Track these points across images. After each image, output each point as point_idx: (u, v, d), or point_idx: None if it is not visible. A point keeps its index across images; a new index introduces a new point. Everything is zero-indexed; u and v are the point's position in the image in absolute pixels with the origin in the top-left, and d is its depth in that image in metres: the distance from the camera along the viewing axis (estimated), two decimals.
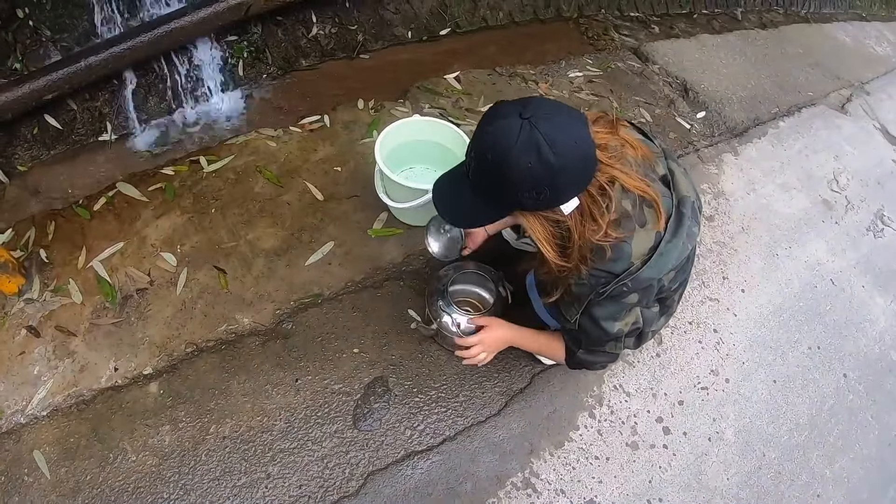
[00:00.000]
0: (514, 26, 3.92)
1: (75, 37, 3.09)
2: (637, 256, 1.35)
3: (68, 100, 3.07)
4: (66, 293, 2.42)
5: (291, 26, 3.36)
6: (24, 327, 2.37)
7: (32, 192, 2.92)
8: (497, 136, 1.18)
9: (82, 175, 2.91)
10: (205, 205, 2.58)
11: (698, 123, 3.36)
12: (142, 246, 2.50)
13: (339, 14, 3.45)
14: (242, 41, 3.22)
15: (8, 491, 2.02)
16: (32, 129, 3.06)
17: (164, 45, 3.07)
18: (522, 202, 1.25)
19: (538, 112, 1.16)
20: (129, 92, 3.05)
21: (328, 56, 3.40)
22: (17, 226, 2.66)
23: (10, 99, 2.89)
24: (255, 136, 2.84)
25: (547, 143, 1.14)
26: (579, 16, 4.12)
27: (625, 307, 1.46)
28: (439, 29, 3.68)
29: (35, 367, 2.27)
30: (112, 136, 3.03)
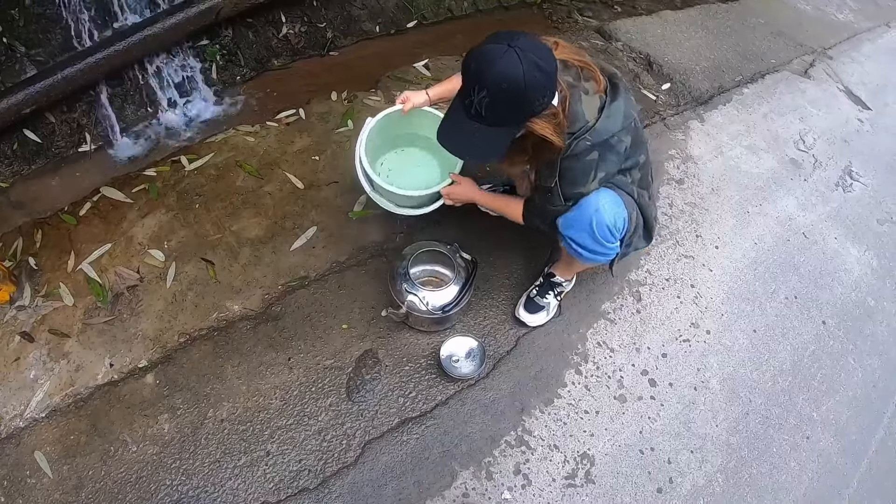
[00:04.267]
0: (479, 15, 4.06)
1: (50, 50, 3.18)
2: (590, 116, 1.66)
3: (46, 113, 3.16)
4: (57, 297, 2.49)
5: (262, 28, 3.48)
6: (18, 333, 2.43)
7: (16, 206, 3.01)
8: (504, 67, 1.42)
9: (65, 186, 3.00)
10: (189, 201, 2.67)
11: (663, 94, 3.48)
12: (129, 245, 2.58)
13: (308, 13, 3.58)
14: (214, 45, 3.34)
15: (11, 494, 2.08)
16: (12, 145, 3.15)
17: (138, 52, 3.17)
18: (535, 110, 1.53)
19: (515, 39, 1.44)
20: (106, 101, 3.14)
21: (299, 55, 3.52)
22: (4, 237, 2.73)
23: None
24: (233, 133, 2.94)
25: (537, 55, 1.44)
26: (543, 1, 4.27)
27: (591, 165, 1.72)
28: (406, 22, 3.81)
29: (31, 371, 2.34)
30: (92, 146, 3.12)
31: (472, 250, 2.36)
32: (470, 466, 2.10)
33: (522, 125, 1.57)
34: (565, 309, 2.46)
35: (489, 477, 2.09)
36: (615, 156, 1.75)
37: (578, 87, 1.66)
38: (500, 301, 2.45)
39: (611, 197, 1.84)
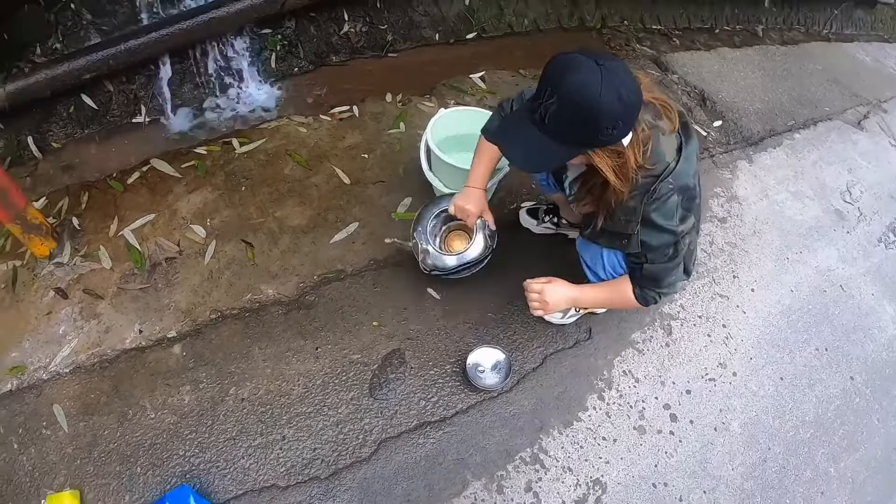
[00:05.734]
0: (538, 33, 4.09)
1: (115, 21, 3.28)
2: (670, 157, 1.59)
3: (105, 81, 3.25)
4: (95, 259, 2.56)
5: (324, 23, 3.56)
6: (53, 289, 2.51)
7: (65, 168, 3.09)
8: (583, 80, 1.33)
9: (116, 153, 3.08)
10: (235, 183, 2.74)
11: (714, 131, 3.49)
12: (172, 218, 2.64)
13: (370, 14, 3.65)
14: (276, 34, 3.41)
15: (24, 442, 2.14)
16: (68, 108, 3.25)
17: (202, 34, 3.26)
18: (599, 140, 1.43)
19: (607, 59, 1.35)
20: (165, 77, 3.23)
21: (358, 53, 3.60)
22: (51, 195, 2.82)
23: (49, 77, 3.08)
24: (286, 122, 3.00)
25: (622, 84, 1.34)
26: (602, 26, 4.29)
27: (674, 207, 1.64)
28: (466, 32, 3.87)
29: (61, 326, 2.41)
30: (146, 119, 3.21)
31: (512, 265, 2.38)
32: (482, 477, 2.11)
33: (581, 150, 1.48)
34: (595, 333, 2.47)
35: (500, 490, 2.10)
36: (693, 197, 1.71)
37: (657, 127, 1.59)
38: (532, 319, 2.46)
39: None
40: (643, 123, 1.51)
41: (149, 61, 3.25)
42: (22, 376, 2.30)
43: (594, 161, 1.49)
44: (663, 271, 1.83)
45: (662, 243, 1.74)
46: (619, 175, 1.53)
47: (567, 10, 4.19)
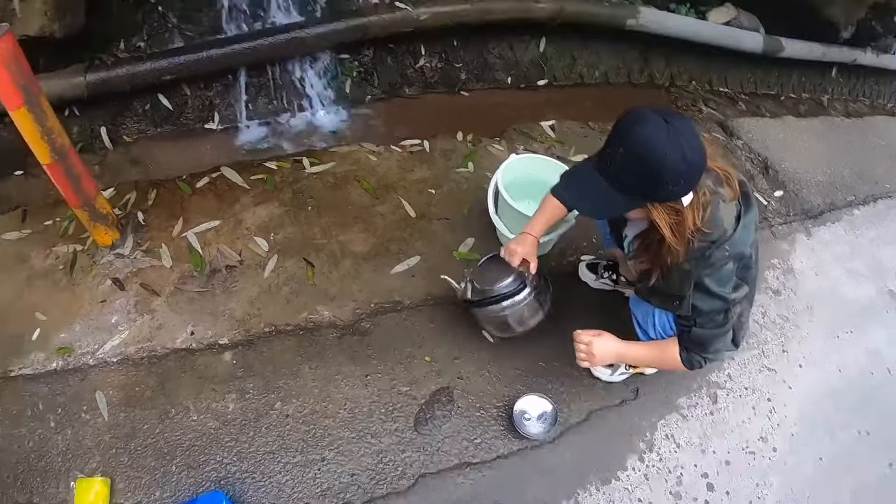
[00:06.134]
0: (607, 86, 4.24)
1: (200, 28, 3.45)
2: (728, 224, 1.64)
3: (183, 84, 3.40)
4: (156, 256, 2.64)
5: (401, 55, 3.71)
6: (111, 278, 2.59)
7: (133, 162, 3.22)
8: (650, 134, 1.43)
9: (186, 156, 3.20)
10: (302, 202, 2.83)
11: (775, 201, 3.54)
12: (237, 227, 2.73)
13: (447, 51, 3.81)
14: (354, 61, 3.57)
15: (62, 423, 2.19)
16: (144, 105, 3.39)
17: (283, 52, 3.42)
18: (659, 195, 1.51)
19: (676, 118, 1.45)
20: (242, 88, 3.37)
21: (430, 88, 3.75)
22: (119, 186, 2.91)
23: (130, 73, 3.23)
24: (357, 149, 3.11)
25: (688, 144, 1.43)
26: (671, 85, 4.44)
27: (728, 275, 1.70)
28: (537, 79, 4.03)
29: (114, 316, 2.48)
30: (219, 126, 3.34)
31: (566, 317, 2.46)
32: None
33: (641, 202, 1.56)
34: (642, 394, 2.52)
35: None
36: (748, 266, 1.76)
37: (718, 193, 1.64)
38: (582, 373, 2.52)
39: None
40: (705, 188, 1.58)
41: (228, 71, 3.40)
42: (68, 357, 2.37)
43: (652, 215, 1.57)
44: (711, 337, 1.89)
45: (713, 309, 1.80)
46: (675, 233, 1.59)
47: (638, 66, 4.36)
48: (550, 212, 2.16)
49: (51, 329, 2.48)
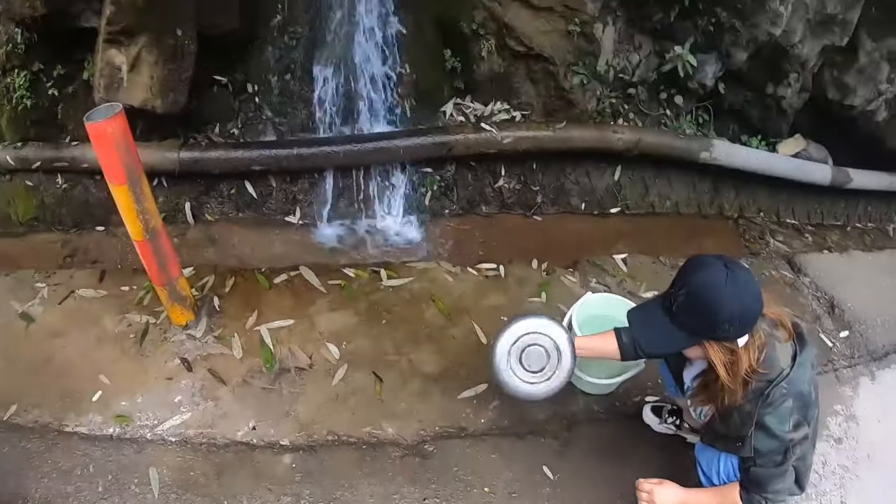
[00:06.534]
0: (677, 216, 4.64)
1: (292, 125, 3.99)
2: (785, 364, 1.88)
3: (270, 176, 3.90)
4: (227, 344, 3.02)
5: (481, 174, 4.20)
6: (180, 358, 2.97)
7: (212, 240, 3.68)
8: (710, 278, 1.77)
9: (263, 244, 3.66)
10: (377, 314, 3.20)
11: (840, 343, 3.68)
12: (310, 330, 3.10)
13: (526, 174, 4.29)
14: (436, 175, 4.05)
15: (110, 490, 2.49)
16: (230, 189, 3.88)
17: (369, 158, 3.92)
18: (715, 334, 1.80)
19: (735, 265, 1.78)
20: (327, 188, 3.85)
21: (506, 208, 4.21)
22: (199, 268, 3.35)
23: (222, 158, 3.74)
24: (434, 267, 3.50)
25: (745, 289, 1.75)
26: (739, 216, 4.81)
27: (787, 412, 1.89)
28: (611, 206, 4.49)
29: (178, 395, 2.84)
30: (299, 221, 3.80)
31: (628, 459, 2.70)
32: None
33: (698, 340, 1.83)
34: None
35: None
36: (808, 405, 1.94)
37: (774, 335, 1.89)
38: None
39: None
40: (760, 331, 1.83)
41: (315, 170, 3.88)
42: (126, 426, 2.72)
43: (709, 353, 1.84)
44: (769, 476, 2.09)
45: (771, 449, 2.01)
46: (730, 371, 1.83)
47: (708, 197, 4.77)
48: (606, 343, 2.43)
49: (112, 394, 2.85)
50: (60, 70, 3.99)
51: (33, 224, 4.32)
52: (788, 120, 4.71)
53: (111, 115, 2.45)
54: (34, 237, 4.28)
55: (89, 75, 3.93)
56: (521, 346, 2.44)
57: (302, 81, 4.00)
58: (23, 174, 4.26)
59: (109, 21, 3.45)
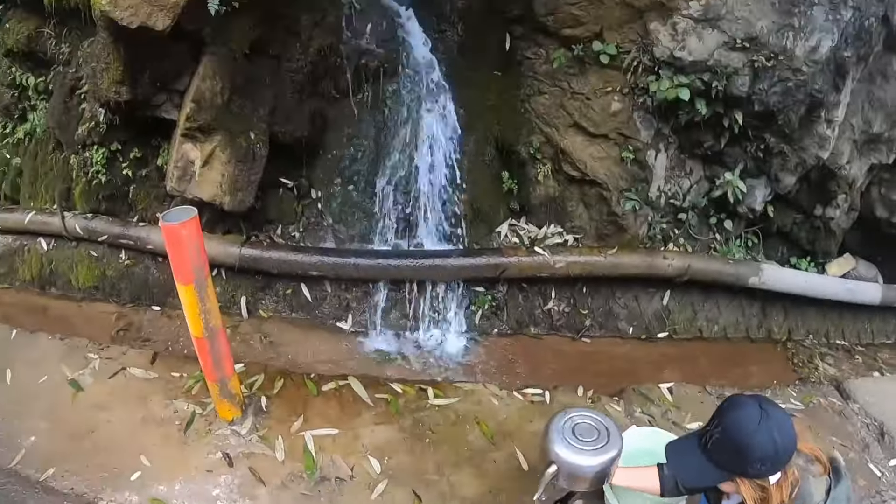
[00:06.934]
0: (725, 341, 4.65)
1: (351, 233, 4.15)
2: (818, 498, 1.90)
3: (326, 282, 4.03)
4: (271, 445, 3.07)
5: (532, 295, 4.29)
6: (222, 452, 3.03)
7: (264, 336, 3.80)
8: (743, 417, 1.84)
9: (313, 347, 3.76)
10: (421, 432, 3.24)
11: (889, 472, 3.58)
12: (354, 441, 3.14)
13: (575, 297, 4.37)
14: (488, 294, 4.15)
15: None
16: (286, 289, 4.02)
17: (423, 274, 4.04)
18: (748, 472, 1.85)
19: (769, 405, 1.85)
20: (380, 299, 3.97)
21: (554, 330, 4.28)
22: (250, 365, 3.45)
23: (281, 259, 3.90)
24: (481, 389, 3.55)
25: (778, 430, 1.80)
26: (787, 339, 4.79)
27: None
28: (658, 331, 4.52)
29: (216, 489, 2.89)
30: (351, 328, 3.91)
31: None
32: None
33: (730, 476, 1.89)
34: None
35: None
36: None
37: (808, 470, 1.93)
38: None
39: None
40: (794, 466, 1.87)
41: (369, 281, 4.02)
42: None
43: (740, 489, 1.89)
44: None
45: None
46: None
47: (756, 321, 4.78)
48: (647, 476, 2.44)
49: (151, 477, 2.92)
50: (136, 153, 4.29)
51: (92, 292, 4.53)
52: (837, 240, 4.79)
53: (186, 218, 2.61)
54: (91, 305, 4.49)
55: (163, 163, 4.19)
56: (572, 423, 2.46)
57: (364, 193, 4.22)
58: (88, 244, 4.52)
59: (188, 117, 3.72)
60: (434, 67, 4.36)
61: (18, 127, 5.03)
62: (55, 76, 4.64)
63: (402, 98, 4.27)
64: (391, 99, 4.26)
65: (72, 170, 4.49)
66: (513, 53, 4.41)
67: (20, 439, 3.23)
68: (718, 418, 1.98)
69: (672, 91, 3.90)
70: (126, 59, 3.58)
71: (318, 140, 4.23)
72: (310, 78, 4.12)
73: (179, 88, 3.85)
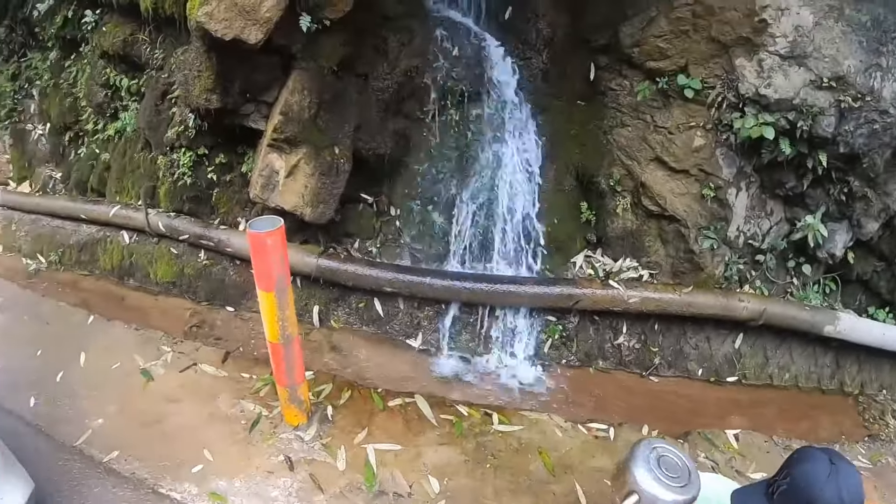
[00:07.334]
0: (796, 390, 4.50)
1: (428, 253, 4.19)
2: None
3: (399, 298, 4.08)
4: (333, 454, 3.10)
5: (602, 328, 4.24)
6: (284, 455, 3.07)
7: (333, 347, 3.85)
8: (811, 470, 1.79)
9: (381, 360, 3.79)
10: (483, 456, 3.23)
11: None
12: (415, 459, 3.14)
13: (646, 333, 4.30)
14: (559, 324, 4.12)
15: None
16: (359, 302, 4.07)
17: (496, 299, 4.05)
18: None
19: (840, 461, 1.81)
20: (450, 320, 3.99)
21: (622, 366, 4.22)
22: (319, 374, 3.52)
23: (357, 273, 3.94)
24: (546, 419, 3.53)
25: (846, 486, 1.75)
26: (860, 393, 4.63)
27: None
28: (727, 375, 4.39)
29: (275, 491, 2.93)
30: (419, 346, 3.94)
31: None
32: None
33: None
34: None
35: None
36: None
37: None
38: None
39: None
40: None
41: (442, 301, 4.04)
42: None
43: None
44: None
45: None
46: None
47: (829, 371, 4.61)
48: None
49: (212, 471, 3.00)
50: (222, 158, 4.44)
51: (168, 287, 4.69)
52: None
53: (272, 228, 2.69)
54: (166, 300, 4.65)
55: (247, 170, 4.33)
56: (658, 455, 2.45)
57: (442, 214, 4.25)
58: (169, 241, 4.69)
59: (276, 129, 3.83)
60: (518, 94, 4.38)
61: (109, 125, 5.29)
62: (148, 80, 4.88)
63: (485, 122, 4.30)
64: (474, 123, 4.30)
65: (158, 169, 4.68)
66: (597, 83, 4.41)
67: (88, 420, 3.39)
68: (787, 469, 1.95)
69: (756, 129, 3.83)
70: (218, 68, 3.73)
71: (400, 159, 4.29)
72: (395, 97, 4.20)
73: (268, 100, 3.97)
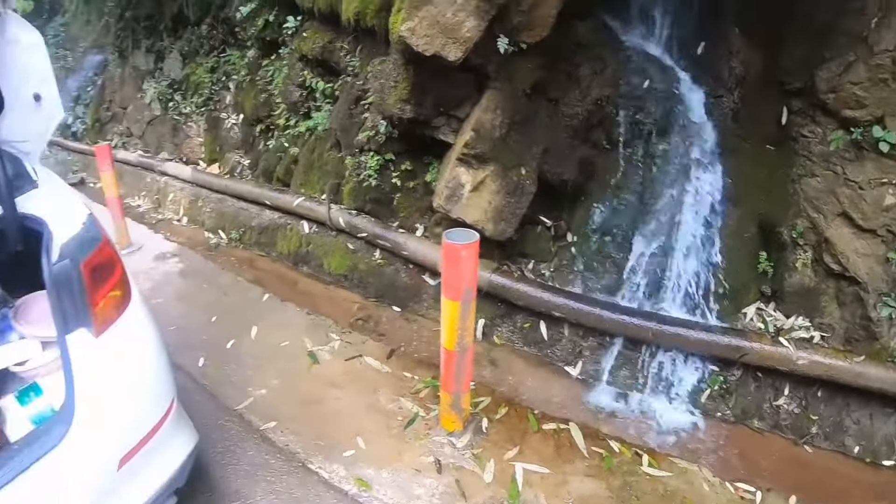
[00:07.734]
0: None
1: (600, 283, 4.21)
2: None
3: (565, 324, 4.13)
4: (481, 465, 3.19)
5: (764, 386, 4.10)
6: (434, 457, 3.21)
7: (491, 361, 3.98)
8: None
9: (538, 383, 3.86)
10: (627, 496, 3.22)
11: None
12: (561, 485, 3.18)
13: (808, 399, 4.09)
14: (720, 375, 4.03)
15: None
16: (524, 322, 4.16)
17: (663, 339, 3.99)
18: None
19: None
20: (613, 354, 4.01)
21: (777, 429, 4.03)
22: (479, 386, 3.64)
23: (529, 294, 4.03)
24: (695, 470, 3.48)
25: None
26: None
27: None
28: (885, 458, 4.07)
29: (419, 489, 3.06)
30: (578, 374, 3.98)
31: None
32: None
33: None
34: None
35: None
36: None
37: None
38: None
39: None
40: None
41: (608, 334, 4.07)
42: (363, 491, 3.01)
43: None
44: None
45: None
46: None
47: None
48: None
49: (362, 458, 3.19)
50: (407, 165, 4.69)
51: (340, 279, 5.02)
52: None
53: (468, 241, 2.85)
54: (336, 291, 4.98)
55: (431, 179, 4.55)
56: None
57: (619, 247, 4.27)
58: (347, 237, 5.00)
59: (466, 144, 4.00)
60: (707, 132, 4.33)
61: (301, 122, 5.80)
62: (343, 84, 5.27)
63: (671, 158, 4.28)
64: (661, 158, 4.29)
65: (345, 169, 5.01)
66: (788, 128, 4.28)
67: (251, 388, 3.71)
68: None
69: None
70: (414, 80, 3.97)
71: (583, 186, 4.36)
72: (584, 125, 4.30)
73: (459, 115, 4.18)
